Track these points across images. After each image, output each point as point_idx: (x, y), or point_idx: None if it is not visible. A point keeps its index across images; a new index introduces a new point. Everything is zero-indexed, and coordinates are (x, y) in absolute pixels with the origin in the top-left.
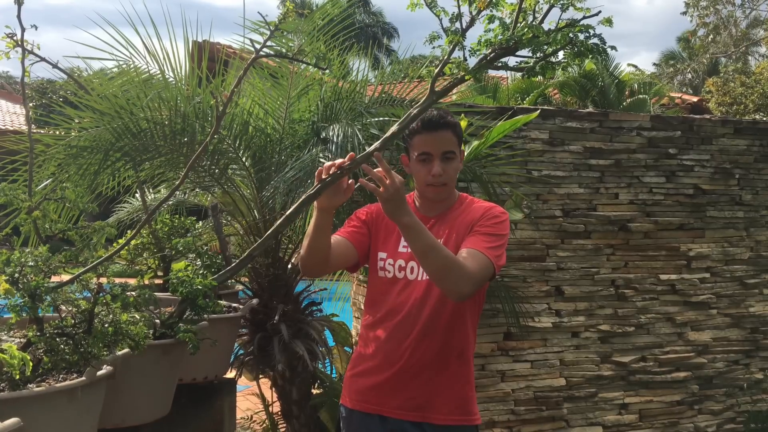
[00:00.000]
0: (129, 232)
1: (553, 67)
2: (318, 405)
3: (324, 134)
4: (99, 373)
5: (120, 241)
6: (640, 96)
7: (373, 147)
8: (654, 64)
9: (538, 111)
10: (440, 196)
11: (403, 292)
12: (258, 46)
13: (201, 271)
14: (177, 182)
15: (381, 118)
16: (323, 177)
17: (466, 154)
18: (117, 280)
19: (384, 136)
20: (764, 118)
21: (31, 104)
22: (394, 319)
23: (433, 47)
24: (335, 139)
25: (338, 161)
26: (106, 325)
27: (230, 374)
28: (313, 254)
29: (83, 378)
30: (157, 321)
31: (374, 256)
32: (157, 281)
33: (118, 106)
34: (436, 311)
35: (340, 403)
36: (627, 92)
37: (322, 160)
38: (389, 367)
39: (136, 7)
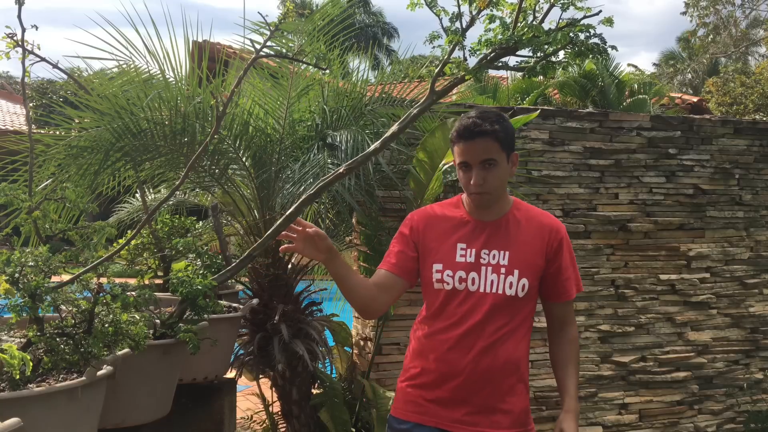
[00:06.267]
0: (129, 232)
1: (554, 67)
2: (318, 405)
3: (330, 140)
4: (99, 373)
5: (120, 241)
6: (640, 96)
7: (372, 147)
8: (654, 64)
9: (538, 111)
10: (484, 205)
11: (464, 304)
12: (258, 47)
13: (201, 271)
14: (177, 182)
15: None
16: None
17: None
18: (117, 280)
19: (384, 137)
20: (764, 118)
21: (31, 104)
22: (455, 332)
23: (433, 47)
24: (343, 146)
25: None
26: (106, 325)
27: (230, 374)
28: (356, 302)
29: (83, 378)
30: (157, 321)
31: (428, 268)
32: (157, 281)
33: (119, 106)
34: (499, 325)
35: (390, 414)
36: (627, 92)
37: (330, 166)
38: (451, 380)
39: (136, 7)
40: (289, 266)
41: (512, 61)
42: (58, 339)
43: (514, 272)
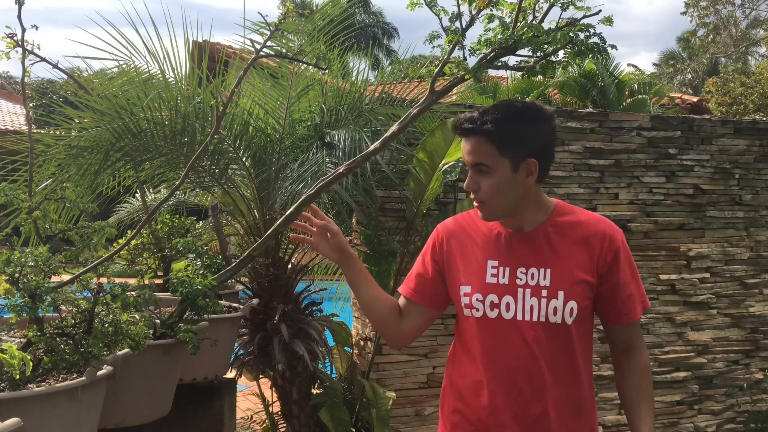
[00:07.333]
0: (129, 232)
1: (554, 67)
2: (318, 405)
3: (329, 139)
4: (99, 373)
5: (120, 241)
6: (640, 96)
7: (372, 147)
8: (654, 64)
9: None
10: (483, 215)
11: (499, 335)
12: (258, 47)
13: (201, 271)
14: (177, 182)
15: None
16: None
17: None
18: (117, 280)
19: (384, 136)
20: (764, 118)
21: (31, 104)
22: (494, 371)
23: (433, 47)
24: (341, 145)
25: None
26: (106, 325)
27: (230, 374)
28: (374, 321)
29: (83, 378)
30: (157, 321)
31: (455, 289)
32: (157, 281)
33: (119, 106)
34: (548, 360)
35: None
36: (627, 92)
37: (329, 166)
38: (498, 430)
39: (136, 7)
40: (289, 266)
41: (512, 60)
42: (58, 339)
43: (559, 294)
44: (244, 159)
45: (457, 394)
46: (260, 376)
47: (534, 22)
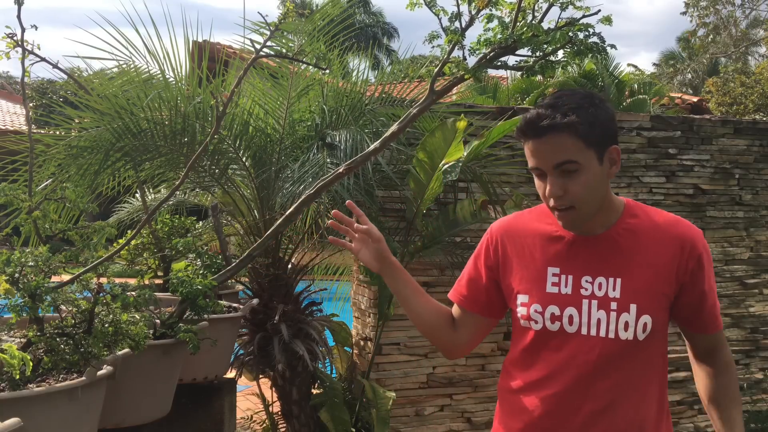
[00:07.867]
0: (129, 232)
1: (553, 66)
2: (318, 405)
3: (329, 139)
4: (99, 373)
5: (120, 241)
6: (640, 96)
7: (372, 147)
8: (654, 64)
9: None
10: (570, 224)
11: (561, 350)
12: (258, 47)
13: (201, 271)
14: (177, 182)
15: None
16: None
17: (465, 154)
18: (117, 280)
19: (384, 136)
20: (764, 118)
21: (31, 104)
22: (553, 389)
23: (433, 47)
24: (343, 146)
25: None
26: (106, 325)
27: (230, 374)
28: (427, 334)
29: (83, 378)
30: (157, 321)
31: (512, 299)
32: (157, 281)
33: (119, 106)
34: (615, 380)
35: None
36: (627, 92)
37: (329, 166)
38: None
39: (136, 7)
40: (289, 266)
41: (511, 60)
42: (58, 339)
43: (630, 308)
44: (244, 159)
45: (508, 409)
46: (260, 376)
47: (533, 21)
